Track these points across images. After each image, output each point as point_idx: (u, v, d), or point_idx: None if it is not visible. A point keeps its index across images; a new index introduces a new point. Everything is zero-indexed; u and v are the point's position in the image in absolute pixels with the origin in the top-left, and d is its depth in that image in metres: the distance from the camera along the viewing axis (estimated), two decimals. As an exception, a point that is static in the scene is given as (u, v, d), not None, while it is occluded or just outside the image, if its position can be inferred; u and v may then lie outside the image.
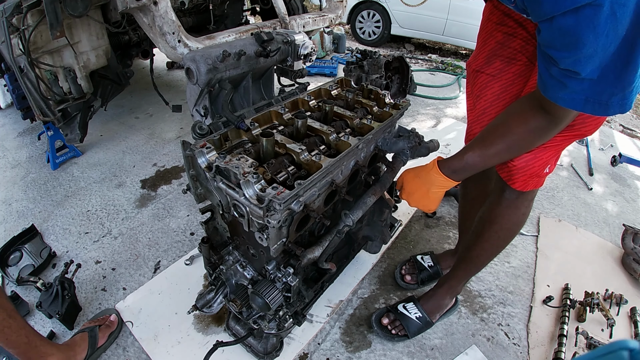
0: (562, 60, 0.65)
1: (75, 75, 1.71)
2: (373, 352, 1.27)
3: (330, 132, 1.02)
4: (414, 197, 1.02)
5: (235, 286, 1.08)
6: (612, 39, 0.59)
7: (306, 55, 1.42)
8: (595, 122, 0.88)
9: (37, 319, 1.33)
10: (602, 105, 0.67)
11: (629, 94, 0.66)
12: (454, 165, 0.93)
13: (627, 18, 0.57)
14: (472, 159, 0.90)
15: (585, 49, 0.60)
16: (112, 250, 1.61)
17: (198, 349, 1.23)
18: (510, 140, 0.84)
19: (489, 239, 1.15)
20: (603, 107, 0.67)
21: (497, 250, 1.19)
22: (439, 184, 0.95)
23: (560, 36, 0.63)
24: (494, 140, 0.87)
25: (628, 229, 1.77)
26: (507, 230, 1.12)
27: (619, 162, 2.54)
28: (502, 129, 0.85)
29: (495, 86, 1.04)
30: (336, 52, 4.53)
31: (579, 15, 0.58)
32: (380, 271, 1.58)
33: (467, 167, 0.91)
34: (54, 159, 2.12)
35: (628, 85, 0.64)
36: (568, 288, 1.51)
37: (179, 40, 1.63)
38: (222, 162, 0.84)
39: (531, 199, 1.08)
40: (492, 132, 0.88)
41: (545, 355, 1.31)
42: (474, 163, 0.90)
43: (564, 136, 0.91)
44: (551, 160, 0.98)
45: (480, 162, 0.89)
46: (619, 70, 0.62)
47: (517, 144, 0.84)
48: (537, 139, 0.83)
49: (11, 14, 1.47)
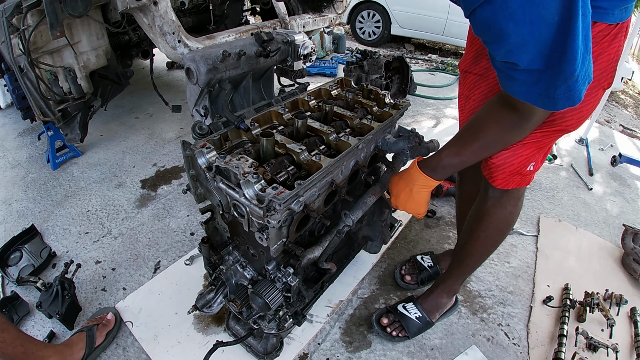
0: (496, 52, 0.65)
1: (75, 75, 1.71)
2: (373, 352, 1.27)
3: (330, 132, 1.02)
4: (401, 200, 1.01)
5: (235, 286, 1.08)
6: (540, 26, 0.57)
7: (306, 56, 1.42)
8: (577, 117, 0.87)
9: (37, 319, 1.33)
10: (550, 99, 0.65)
11: (574, 84, 0.63)
12: (432, 164, 0.93)
13: (552, 3, 0.55)
14: (449, 157, 0.90)
15: (512, 38, 0.59)
16: (112, 250, 1.61)
17: (198, 349, 1.23)
18: (484, 138, 0.84)
19: (478, 238, 1.15)
20: (551, 100, 0.66)
21: (488, 249, 1.19)
22: (421, 182, 0.95)
23: (485, 28, 0.63)
24: (468, 138, 0.87)
25: (628, 229, 1.76)
26: (494, 229, 1.12)
27: (619, 162, 2.54)
28: (476, 127, 0.85)
29: (482, 85, 1.04)
30: (336, 52, 4.52)
31: (493, 5, 0.58)
32: (380, 271, 1.58)
33: (446, 166, 0.91)
34: (54, 159, 2.12)
35: (570, 76, 0.61)
36: (568, 288, 1.51)
37: (179, 40, 1.63)
38: (222, 162, 0.84)
39: (517, 198, 1.07)
40: (467, 130, 0.88)
41: (545, 355, 1.31)
42: (451, 161, 0.90)
43: (543, 132, 0.90)
44: (534, 157, 0.97)
45: (457, 161, 0.90)
46: (559, 59, 0.60)
47: (492, 142, 0.84)
48: (511, 136, 0.82)
49: (11, 14, 1.47)
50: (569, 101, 0.65)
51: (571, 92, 0.63)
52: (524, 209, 2.02)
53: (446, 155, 0.91)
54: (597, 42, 0.79)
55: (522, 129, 0.79)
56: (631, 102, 4.95)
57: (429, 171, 0.93)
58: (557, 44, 0.58)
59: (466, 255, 1.22)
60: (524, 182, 1.02)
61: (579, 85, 0.63)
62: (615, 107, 4.48)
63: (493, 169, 0.99)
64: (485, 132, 0.83)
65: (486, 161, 1.01)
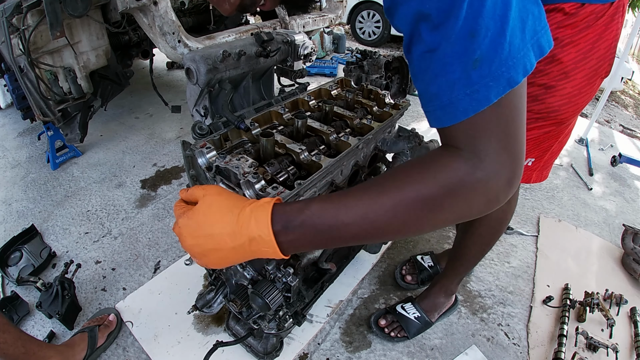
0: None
1: (75, 75, 1.71)
2: (373, 352, 1.27)
3: (330, 132, 1.02)
4: (194, 217, 0.56)
5: (235, 286, 1.08)
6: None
7: (306, 56, 1.41)
8: (573, 109, 0.85)
9: (37, 319, 1.33)
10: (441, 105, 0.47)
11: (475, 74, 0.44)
12: (290, 213, 0.51)
13: None
14: (321, 212, 0.50)
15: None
16: (112, 250, 1.61)
17: (198, 349, 1.23)
18: (409, 195, 0.47)
19: (472, 237, 1.15)
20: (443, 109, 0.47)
21: (482, 248, 1.19)
22: (250, 225, 0.51)
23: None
24: (378, 188, 0.49)
25: (628, 229, 1.76)
26: (487, 227, 1.11)
27: (619, 162, 2.54)
28: (401, 176, 0.49)
29: None
30: (336, 52, 4.52)
31: None
32: (380, 271, 1.58)
33: (306, 224, 0.50)
34: (54, 159, 2.12)
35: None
36: (568, 288, 1.51)
37: (179, 40, 1.63)
38: (222, 162, 0.84)
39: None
40: (379, 179, 0.52)
41: (545, 355, 1.31)
42: (320, 220, 0.50)
43: (538, 126, 0.88)
44: (531, 152, 0.94)
45: (331, 220, 0.49)
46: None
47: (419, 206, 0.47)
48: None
49: (11, 14, 1.47)
50: (471, 103, 0.43)
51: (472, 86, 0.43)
52: (524, 209, 2.02)
53: (320, 203, 0.51)
54: (590, 26, 0.76)
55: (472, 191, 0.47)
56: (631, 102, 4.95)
57: (281, 224, 0.51)
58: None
59: (461, 254, 1.22)
60: (523, 178, 0.99)
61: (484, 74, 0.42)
62: (615, 107, 4.48)
63: None
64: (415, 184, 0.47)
65: None
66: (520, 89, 0.45)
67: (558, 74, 0.82)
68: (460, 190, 0.46)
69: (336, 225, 0.49)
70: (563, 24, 0.78)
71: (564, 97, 0.84)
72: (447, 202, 0.46)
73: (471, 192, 0.46)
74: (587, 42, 0.78)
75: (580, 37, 0.78)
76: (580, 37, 0.78)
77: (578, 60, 0.80)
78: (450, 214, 0.48)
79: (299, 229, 0.50)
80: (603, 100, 2.79)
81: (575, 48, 0.79)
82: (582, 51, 0.79)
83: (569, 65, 0.80)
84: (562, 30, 0.78)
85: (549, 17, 0.79)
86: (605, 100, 2.81)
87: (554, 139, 0.94)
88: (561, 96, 0.84)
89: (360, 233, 0.49)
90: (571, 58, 0.80)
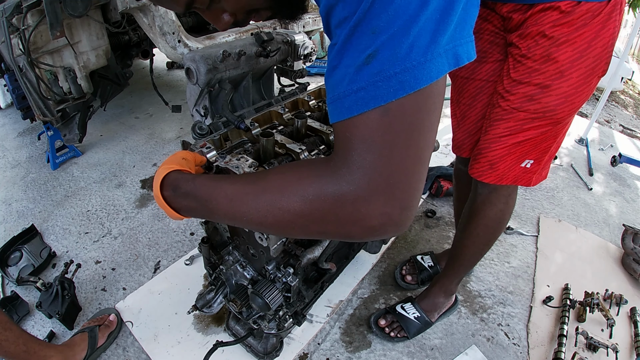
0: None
1: (75, 75, 1.71)
2: (373, 352, 1.27)
3: (330, 132, 1.02)
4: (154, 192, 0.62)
5: (235, 286, 1.08)
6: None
7: (306, 56, 1.42)
8: (569, 109, 0.84)
9: (37, 319, 1.33)
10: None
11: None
12: (180, 180, 0.59)
13: None
14: (202, 186, 0.55)
15: None
16: (112, 250, 1.61)
17: (198, 349, 1.23)
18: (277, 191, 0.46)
19: (469, 236, 1.15)
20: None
21: (480, 248, 1.18)
22: (157, 194, 0.60)
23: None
24: (254, 180, 0.50)
25: (628, 229, 1.76)
26: (485, 227, 1.11)
27: (619, 162, 2.54)
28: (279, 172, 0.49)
29: (470, 88, 1.02)
30: (336, 52, 4.53)
31: None
32: (380, 271, 1.58)
33: (189, 193, 0.56)
34: (54, 159, 2.12)
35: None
36: (568, 288, 1.51)
37: (179, 40, 1.63)
38: (222, 162, 0.84)
39: (507, 195, 1.05)
40: (261, 173, 0.52)
41: (545, 355, 1.31)
42: (200, 192, 0.55)
43: (535, 126, 0.87)
44: (530, 154, 0.94)
45: (207, 195, 0.54)
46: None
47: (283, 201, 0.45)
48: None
49: (11, 14, 1.47)
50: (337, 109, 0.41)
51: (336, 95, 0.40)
52: (524, 208, 2.02)
53: (203, 181, 0.56)
54: (587, 24, 0.75)
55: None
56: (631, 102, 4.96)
57: (170, 188, 0.59)
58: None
59: (459, 254, 1.22)
60: (522, 181, 0.99)
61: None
62: (615, 107, 4.48)
63: (486, 166, 0.98)
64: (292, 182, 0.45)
65: (476, 158, 0.99)
66: (422, 99, 0.38)
67: (554, 73, 0.81)
68: (320, 202, 0.41)
69: (209, 200, 0.54)
70: (559, 22, 0.77)
71: (560, 96, 0.83)
72: (306, 212, 0.42)
73: (333, 207, 0.40)
74: (584, 41, 0.77)
75: (576, 36, 0.77)
76: (576, 35, 0.77)
77: (574, 59, 0.79)
78: (312, 226, 0.44)
79: (184, 197, 0.57)
80: (603, 100, 2.79)
81: (571, 47, 0.78)
82: (578, 50, 0.78)
83: (564, 64, 0.79)
84: (557, 29, 0.77)
85: (545, 15, 0.78)
86: (605, 100, 2.81)
87: (552, 139, 0.93)
88: (557, 95, 0.83)
89: (230, 214, 0.51)
90: (567, 57, 0.79)
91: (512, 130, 0.91)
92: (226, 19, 0.60)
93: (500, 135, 0.93)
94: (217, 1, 0.56)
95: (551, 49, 0.79)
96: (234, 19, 0.60)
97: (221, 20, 0.60)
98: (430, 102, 0.39)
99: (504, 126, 0.92)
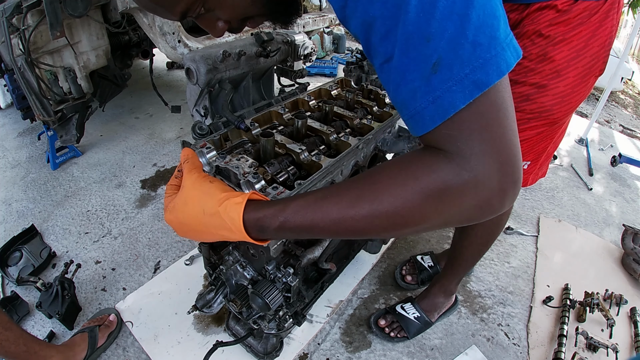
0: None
1: (75, 75, 1.71)
2: (373, 352, 1.27)
3: (330, 132, 1.02)
4: (174, 214, 0.61)
5: (235, 286, 1.08)
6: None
7: (306, 56, 1.41)
8: (566, 109, 0.84)
9: (37, 319, 1.33)
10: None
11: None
12: (264, 220, 0.52)
13: None
14: (296, 218, 0.50)
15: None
16: (112, 250, 1.61)
17: (198, 349, 1.23)
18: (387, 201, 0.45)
19: (468, 237, 1.15)
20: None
21: (479, 248, 1.19)
22: (224, 225, 0.54)
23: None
24: (356, 193, 0.47)
25: (628, 229, 1.76)
26: (484, 228, 1.11)
27: (619, 162, 2.54)
28: (378, 176, 0.47)
29: None
30: (336, 52, 4.52)
31: None
32: (380, 271, 1.58)
33: (283, 229, 0.51)
34: (54, 159, 2.12)
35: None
36: (568, 288, 1.51)
37: (179, 41, 1.63)
38: (222, 162, 0.84)
39: None
40: (355, 182, 0.49)
41: (545, 355, 1.31)
42: (296, 225, 0.50)
43: (531, 126, 0.87)
44: (527, 155, 0.93)
45: (306, 225, 0.50)
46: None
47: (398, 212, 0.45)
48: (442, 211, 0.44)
49: (11, 14, 1.47)
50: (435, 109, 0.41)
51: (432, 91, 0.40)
52: (524, 209, 2.02)
53: (295, 208, 0.50)
54: (584, 23, 0.75)
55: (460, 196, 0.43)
56: (631, 102, 4.96)
57: (253, 223, 0.53)
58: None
59: (458, 254, 1.22)
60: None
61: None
62: (615, 107, 4.48)
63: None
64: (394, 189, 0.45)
65: None
66: (500, 89, 0.41)
67: (550, 73, 0.80)
68: (445, 194, 0.42)
69: (311, 228, 0.50)
70: (555, 21, 0.76)
71: (556, 96, 0.82)
72: (430, 208, 0.43)
73: (458, 196, 0.42)
74: (581, 40, 0.77)
75: (573, 35, 0.76)
76: (573, 34, 0.76)
77: (571, 59, 0.78)
78: (436, 219, 0.44)
79: (273, 233, 0.52)
80: (603, 100, 2.79)
81: (567, 46, 0.77)
82: (575, 49, 0.78)
83: (561, 63, 0.79)
84: (554, 28, 0.77)
85: (541, 14, 0.77)
86: (605, 100, 2.81)
87: (548, 140, 0.92)
88: (553, 95, 0.82)
89: (334, 234, 0.50)
90: (563, 56, 0.78)
91: None
92: (221, 26, 0.60)
93: None
94: (212, 10, 0.56)
95: (547, 48, 0.79)
96: (228, 26, 0.61)
97: (216, 28, 0.60)
98: (505, 86, 0.41)
99: None
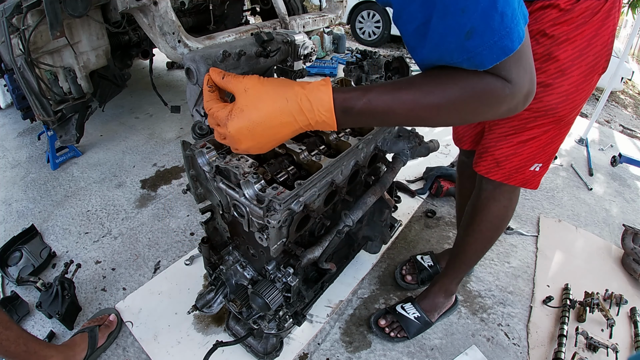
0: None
1: (75, 75, 1.71)
2: (373, 352, 1.27)
3: (330, 132, 1.02)
4: (246, 116, 0.58)
5: (235, 286, 1.08)
6: None
7: (306, 56, 1.41)
8: (571, 106, 0.85)
9: (37, 319, 1.33)
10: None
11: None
12: (350, 100, 0.57)
13: None
14: (378, 101, 0.56)
15: None
16: (112, 250, 1.61)
17: (198, 349, 1.23)
18: (450, 96, 0.54)
19: (472, 233, 1.15)
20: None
21: (483, 245, 1.19)
22: (312, 108, 0.56)
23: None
24: (425, 87, 0.55)
25: (628, 229, 1.76)
26: (489, 224, 1.12)
27: (619, 162, 2.54)
28: (446, 78, 0.55)
29: None
30: (336, 52, 4.52)
31: None
32: (380, 271, 1.57)
33: (364, 111, 0.57)
34: (54, 159, 2.12)
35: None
36: (568, 288, 1.51)
37: (179, 41, 1.63)
38: (222, 162, 0.84)
39: (511, 191, 1.06)
40: (427, 78, 0.56)
41: (545, 355, 1.31)
42: (376, 108, 0.56)
43: (538, 124, 0.88)
44: (538, 157, 0.95)
45: (383, 106, 0.56)
46: None
47: (458, 103, 0.54)
48: (488, 106, 0.55)
49: (11, 14, 1.47)
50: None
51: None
52: (524, 209, 2.02)
53: (375, 96, 0.56)
54: (586, 23, 0.76)
55: (504, 101, 0.54)
56: (631, 102, 4.95)
57: (339, 105, 0.56)
58: None
59: (461, 252, 1.22)
60: (530, 184, 1.00)
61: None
62: (615, 107, 4.48)
63: (492, 164, 0.98)
64: (456, 86, 0.54)
65: (482, 156, 1.00)
66: (525, 40, 0.50)
67: (555, 72, 0.82)
68: (492, 98, 0.53)
69: (387, 113, 0.57)
70: (558, 20, 0.77)
71: (561, 94, 0.84)
72: (482, 104, 0.54)
73: (500, 102, 0.54)
74: (584, 39, 0.78)
75: (576, 34, 0.78)
76: (576, 34, 0.78)
77: (574, 58, 0.80)
78: (482, 112, 0.56)
79: (355, 115, 0.58)
80: (603, 100, 2.79)
81: (571, 45, 0.79)
82: (578, 48, 0.79)
83: (565, 62, 0.81)
84: (557, 28, 0.78)
85: (544, 14, 0.79)
86: (605, 100, 2.81)
87: (558, 140, 0.94)
88: (558, 94, 0.84)
89: (406, 121, 0.59)
90: (567, 55, 0.80)
91: (516, 128, 0.93)
92: None
93: (506, 134, 0.95)
94: None
95: (552, 47, 0.80)
96: None
97: None
98: (527, 36, 0.50)
99: (509, 125, 0.94)
